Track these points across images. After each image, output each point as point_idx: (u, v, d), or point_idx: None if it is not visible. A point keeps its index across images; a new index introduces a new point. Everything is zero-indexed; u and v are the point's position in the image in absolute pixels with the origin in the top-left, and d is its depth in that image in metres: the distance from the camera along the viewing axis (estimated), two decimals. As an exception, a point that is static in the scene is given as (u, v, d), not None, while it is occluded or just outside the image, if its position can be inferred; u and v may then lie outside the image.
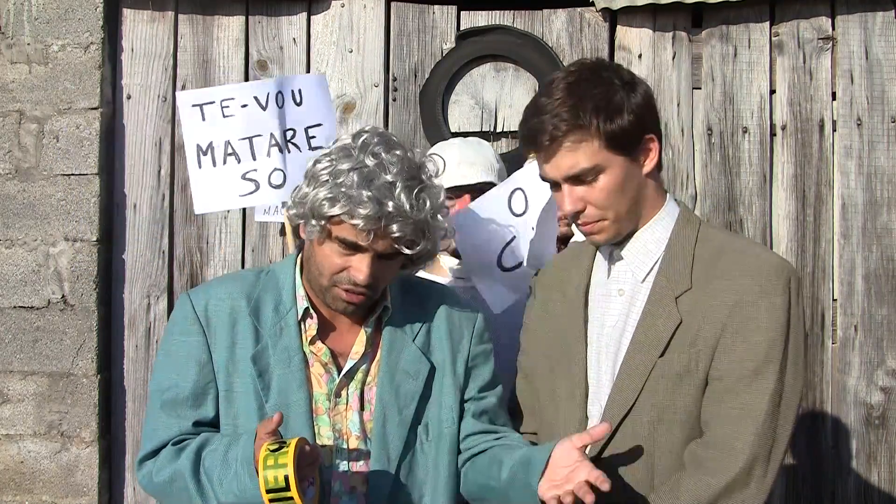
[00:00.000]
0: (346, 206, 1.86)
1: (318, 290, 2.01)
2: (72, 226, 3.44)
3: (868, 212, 3.35)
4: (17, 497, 3.45)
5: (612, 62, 2.00)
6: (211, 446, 1.94)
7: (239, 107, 2.56)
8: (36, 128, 3.47)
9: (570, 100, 1.85)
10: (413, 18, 3.53)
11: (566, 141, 1.86)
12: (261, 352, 1.99)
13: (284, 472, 1.71)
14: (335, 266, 1.94)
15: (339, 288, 1.95)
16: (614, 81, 1.87)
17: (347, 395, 2.03)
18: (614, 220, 1.93)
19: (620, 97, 1.86)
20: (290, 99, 2.56)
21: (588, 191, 1.89)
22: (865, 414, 3.35)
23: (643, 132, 1.90)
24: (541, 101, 1.90)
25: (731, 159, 3.42)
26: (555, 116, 1.85)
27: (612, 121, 1.85)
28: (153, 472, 1.98)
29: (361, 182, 1.86)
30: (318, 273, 1.98)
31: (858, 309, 3.35)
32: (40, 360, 3.44)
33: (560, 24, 3.49)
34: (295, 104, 2.56)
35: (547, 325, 2.11)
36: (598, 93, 1.86)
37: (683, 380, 1.88)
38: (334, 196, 1.87)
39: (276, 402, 1.97)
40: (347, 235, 1.90)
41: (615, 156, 1.87)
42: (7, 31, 3.48)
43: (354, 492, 1.99)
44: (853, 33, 3.37)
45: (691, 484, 1.84)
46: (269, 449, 1.75)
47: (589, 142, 1.86)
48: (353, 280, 1.93)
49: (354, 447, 2.00)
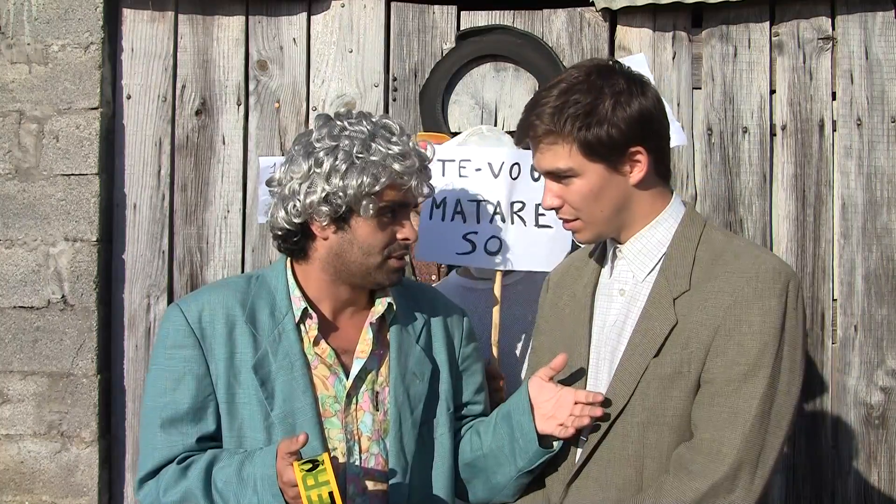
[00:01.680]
0: (390, 174, 1.94)
1: (363, 274, 2.01)
2: (72, 226, 3.44)
3: (868, 212, 3.35)
4: (17, 497, 3.44)
5: (620, 67, 1.97)
6: (220, 464, 1.91)
7: (474, 170, 2.59)
8: (36, 128, 3.47)
9: (556, 102, 1.89)
10: (413, 18, 3.53)
11: (543, 141, 1.91)
12: (261, 360, 1.97)
13: (328, 488, 1.72)
14: (386, 237, 1.99)
15: (392, 259, 2.01)
16: (604, 90, 1.88)
17: (358, 397, 2.01)
18: (590, 223, 1.94)
19: (605, 107, 1.87)
20: (527, 173, 2.56)
21: (564, 190, 1.94)
22: (865, 414, 3.35)
23: (628, 144, 1.89)
24: (537, 97, 1.96)
25: (731, 159, 3.42)
26: (537, 117, 1.91)
27: (589, 129, 1.87)
28: (159, 492, 1.94)
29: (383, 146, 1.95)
30: (367, 255, 1.98)
31: (858, 309, 3.35)
32: (40, 360, 3.44)
33: (560, 24, 3.49)
34: (532, 179, 2.56)
35: (555, 323, 2.13)
36: (584, 101, 1.88)
37: (675, 382, 1.87)
38: (376, 173, 1.93)
39: (281, 410, 1.94)
40: (397, 197, 1.97)
41: (591, 163, 1.89)
42: (7, 31, 3.48)
43: (366, 493, 1.98)
44: (853, 33, 3.37)
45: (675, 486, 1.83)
46: (304, 469, 1.74)
47: (562, 145, 1.89)
48: (405, 241, 2.00)
49: (366, 449, 2.00)
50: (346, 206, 1.94)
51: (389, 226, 1.98)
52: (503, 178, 2.56)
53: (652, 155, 1.92)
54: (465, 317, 2.24)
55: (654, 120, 1.94)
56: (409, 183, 1.96)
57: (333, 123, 1.99)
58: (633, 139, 1.90)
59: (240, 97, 3.53)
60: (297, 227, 1.99)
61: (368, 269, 1.99)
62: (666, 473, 1.87)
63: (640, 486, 1.90)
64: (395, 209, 1.98)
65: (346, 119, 2.00)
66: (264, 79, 3.54)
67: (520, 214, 2.57)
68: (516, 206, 2.56)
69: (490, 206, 2.56)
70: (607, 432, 1.92)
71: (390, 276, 2.02)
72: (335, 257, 2.00)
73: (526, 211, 2.57)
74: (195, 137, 3.54)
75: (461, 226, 2.58)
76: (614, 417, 1.91)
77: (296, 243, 2.02)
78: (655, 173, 1.95)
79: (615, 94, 1.88)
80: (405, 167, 1.94)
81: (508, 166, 2.56)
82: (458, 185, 2.58)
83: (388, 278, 2.02)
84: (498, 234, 2.56)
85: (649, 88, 1.94)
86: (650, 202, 1.96)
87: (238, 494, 1.84)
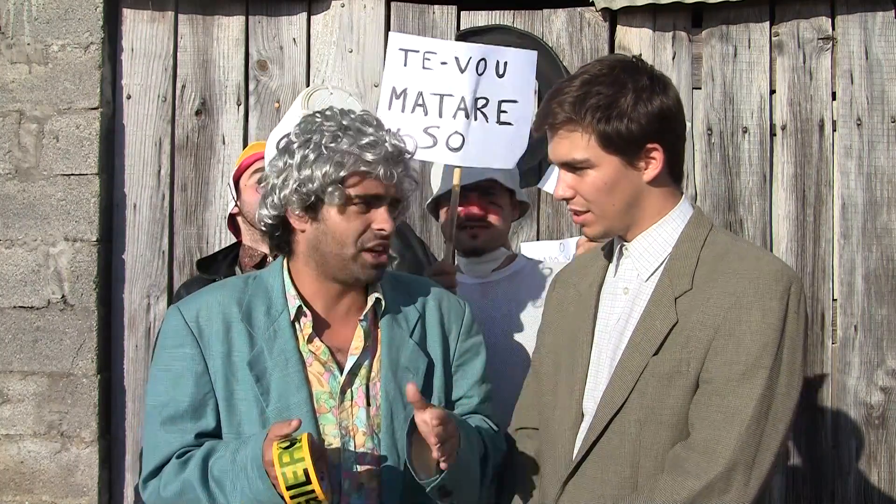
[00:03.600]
0: (356, 162, 1.94)
1: (341, 267, 2.01)
2: (72, 226, 3.44)
3: (868, 212, 3.35)
4: (17, 497, 3.44)
5: (642, 63, 1.99)
6: (217, 454, 1.92)
7: (439, 62, 2.56)
8: (36, 128, 3.47)
9: (578, 92, 1.90)
10: (413, 18, 3.53)
11: (562, 129, 1.92)
12: (256, 356, 1.99)
13: (303, 465, 1.71)
14: (358, 228, 1.98)
15: (366, 253, 1.99)
16: (627, 85, 1.90)
17: (352, 392, 2.03)
18: (600, 216, 1.95)
19: (626, 102, 1.88)
20: (492, 69, 2.54)
21: (578, 181, 1.94)
22: (865, 414, 3.35)
23: (645, 140, 1.91)
24: (560, 85, 1.96)
25: (731, 159, 3.42)
26: (558, 105, 1.91)
27: (609, 122, 1.88)
28: (160, 487, 1.96)
29: (355, 137, 1.95)
30: (341, 245, 1.99)
31: (858, 309, 3.35)
32: (40, 360, 3.44)
33: (560, 23, 3.49)
34: (497, 75, 2.53)
35: (560, 322, 2.13)
36: (606, 93, 1.89)
37: (673, 381, 1.87)
38: (341, 161, 1.93)
39: (276, 406, 1.96)
40: (367, 190, 1.96)
41: (608, 155, 1.90)
42: (7, 31, 3.48)
43: (362, 489, 1.99)
44: (853, 33, 3.37)
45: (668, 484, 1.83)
46: (281, 447, 1.75)
47: (581, 135, 1.90)
48: (379, 234, 1.98)
49: (361, 444, 2.00)
50: (315, 195, 1.97)
51: (362, 216, 1.98)
52: (469, 72, 2.54)
53: (667, 154, 1.94)
54: (467, 310, 2.22)
55: (674, 119, 1.95)
56: (377, 172, 1.95)
57: (311, 119, 2.04)
58: (651, 136, 1.91)
59: (240, 97, 3.53)
60: (278, 221, 2.04)
61: (345, 262, 2.00)
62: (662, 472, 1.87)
63: (636, 484, 1.90)
64: (368, 200, 1.97)
65: (324, 114, 2.03)
66: (264, 79, 3.54)
67: (483, 110, 2.55)
68: (480, 102, 2.54)
69: (453, 101, 2.53)
70: (604, 430, 1.92)
71: (366, 270, 2.01)
72: (314, 250, 2.03)
73: (489, 107, 2.55)
74: (195, 137, 3.54)
75: (422, 119, 2.54)
76: (612, 415, 1.91)
77: (280, 237, 2.07)
78: (669, 173, 1.96)
79: (638, 90, 1.89)
80: (372, 156, 1.94)
81: (476, 61, 2.54)
82: (420, 76, 2.54)
83: (365, 273, 2.02)
84: (460, 130, 2.53)
85: (671, 88, 1.95)
86: (660, 201, 1.97)
87: (234, 480, 1.86)
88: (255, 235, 2.83)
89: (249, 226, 2.86)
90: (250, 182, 2.84)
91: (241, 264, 2.88)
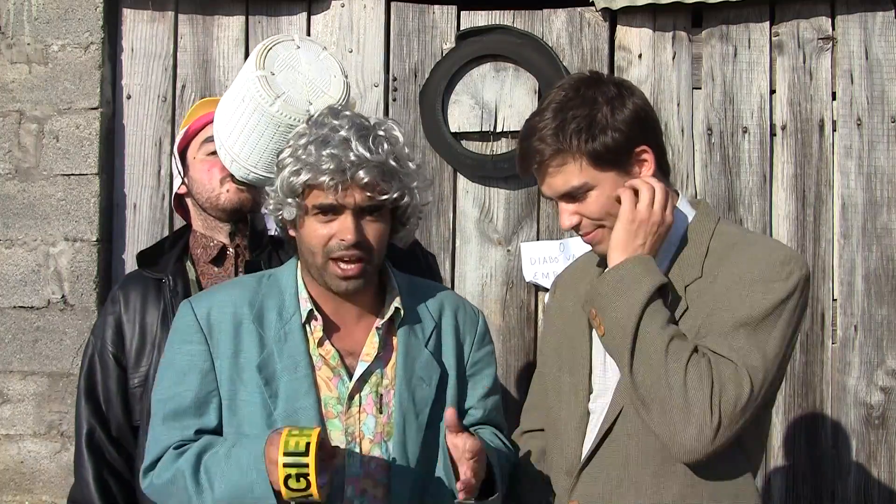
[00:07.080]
0: (309, 171, 1.91)
1: (318, 275, 2.01)
2: (72, 226, 3.44)
3: (868, 212, 3.35)
4: (17, 497, 3.44)
5: (601, 75, 2.01)
6: (213, 449, 1.93)
7: None
8: (36, 128, 3.47)
9: (553, 122, 1.91)
10: (413, 18, 3.53)
11: (552, 164, 1.93)
12: (266, 359, 1.98)
13: (306, 439, 1.72)
14: (322, 237, 1.96)
15: (334, 263, 1.97)
16: (598, 99, 1.92)
17: (361, 398, 2.01)
18: (612, 228, 1.96)
19: (603, 115, 1.90)
20: None
21: (581, 206, 1.95)
22: (865, 414, 3.35)
23: (632, 145, 1.93)
24: (531, 122, 1.97)
25: (731, 159, 3.42)
26: (540, 141, 1.92)
27: (595, 140, 1.89)
28: (153, 475, 1.98)
29: (318, 147, 1.92)
30: (311, 254, 1.99)
31: (858, 309, 3.35)
32: (40, 360, 3.44)
33: (560, 23, 3.49)
34: None
35: (561, 324, 2.15)
36: (582, 114, 1.90)
37: None
38: (298, 168, 1.93)
39: (284, 409, 1.96)
40: (321, 200, 1.94)
41: (604, 172, 1.92)
42: (7, 31, 3.48)
43: (365, 495, 1.98)
44: (853, 33, 3.37)
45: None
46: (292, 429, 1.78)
47: (572, 163, 1.91)
48: (342, 244, 1.94)
49: (367, 450, 1.99)
50: (281, 202, 1.98)
51: (327, 224, 1.96)
52: None
53: (655, 151, 1.96)
54: (480, 319, 2.20)
55: (650, 117, 1.98)
56: (332, 184, 1.90)
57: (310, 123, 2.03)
58: (637, 139, 1.93)
59: (240, 97, 3.53)
60: (279, 223, 2.07)
61: (319, 270, 2.00)
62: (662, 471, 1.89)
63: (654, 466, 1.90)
64: (324, 210, 1.95)
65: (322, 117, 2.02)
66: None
67: None
68: None
69: None
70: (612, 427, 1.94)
71: (336, 281, 1.98)
72: (301, 255, 2.05)
73: None
74: (195, 137, 3.53)
75: None
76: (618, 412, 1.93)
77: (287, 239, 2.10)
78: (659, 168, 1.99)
79: (610, 101, 1.92)
80: (328, 170, 1.90)
81: None
82: None
83: (335, 284, 1.99)
84: None
85: (636, 88, 1.99)
86: None
87: (223, 471, 1.87)
88: (209, 221, 2.48)
89: (201, 209, 2.48)
90: (200, 154, 2.47)
91: (192, 257, 2.50)
